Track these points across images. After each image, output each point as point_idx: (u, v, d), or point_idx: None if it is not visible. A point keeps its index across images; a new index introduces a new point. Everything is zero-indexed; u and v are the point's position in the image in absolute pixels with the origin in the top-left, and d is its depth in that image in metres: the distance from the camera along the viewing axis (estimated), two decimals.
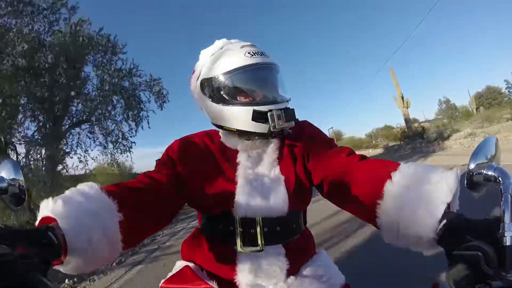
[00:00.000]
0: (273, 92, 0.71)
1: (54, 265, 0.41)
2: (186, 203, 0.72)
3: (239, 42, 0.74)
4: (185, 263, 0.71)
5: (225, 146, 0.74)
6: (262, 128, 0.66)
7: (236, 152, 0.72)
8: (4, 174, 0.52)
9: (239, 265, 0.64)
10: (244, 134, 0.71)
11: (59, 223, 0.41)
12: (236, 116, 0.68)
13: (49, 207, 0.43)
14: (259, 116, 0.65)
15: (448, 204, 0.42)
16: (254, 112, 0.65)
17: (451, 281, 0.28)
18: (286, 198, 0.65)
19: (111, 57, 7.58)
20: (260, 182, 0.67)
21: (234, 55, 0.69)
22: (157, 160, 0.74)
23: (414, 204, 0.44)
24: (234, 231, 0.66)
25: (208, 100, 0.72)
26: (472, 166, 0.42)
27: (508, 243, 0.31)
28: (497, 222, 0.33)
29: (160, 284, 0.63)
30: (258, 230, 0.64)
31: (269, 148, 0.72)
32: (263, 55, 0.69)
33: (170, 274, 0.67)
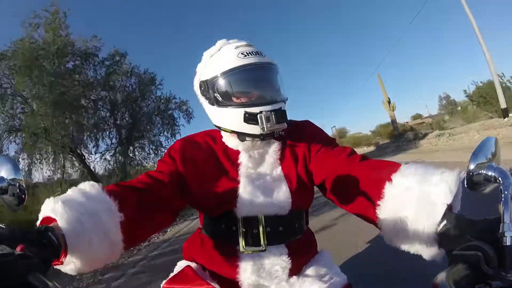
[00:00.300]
0: (267, 93, 0.69)
1: (54, 265, 0.41)
2: (188, 204, 0.72)
3: (237, 42, 0.73)
4: (187, 263, 0.71)
5: (227, 146, 0.74)
6: (254, 130, 0.65)
7: (238, 153, 0.72)
8: (4, 174, 0.52)
9: (242, 265, 0.64)
10: (240, 135, 0.71)
11: (60, 224, 0.41)
12: (230, 118, 0.68)
13: (50, 207, 0.43)
14: (251, 118, 0.64)
15: (449, 205, 0.42)
16: (246, 114, 0.65)
17: (451, 281, 0.28)
18: (289, 198, 0.65)
19: (153, 89, 10.69)
20: (262, 182, 0.67)
21: (228, 57, 0.68)
22: (159, 160, 0.74)
23: (415, 205, 0.44)
24: (237, 231, 0.66)
25: (206, 102, 0.73)
26: (472, 166, 0.42)
27: (508, 243, 0.32)
28: (497, 222, 0.34)
29: (162, 285, 0.63)
30: (261, 230, 0.64)
31: (271, 148, 0.72)
32: (258, 55, 0.68)
33: (172, 274, 0.67)
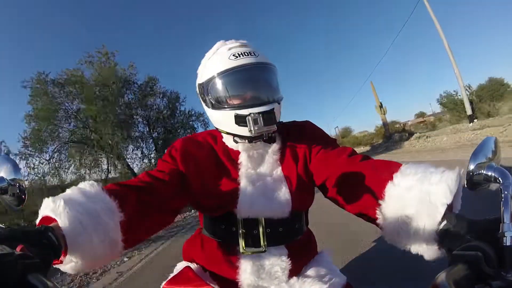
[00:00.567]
0: (259, 93, 0.68)
1: (54, 265, 0.41)
2: (189, 203, 0.72)
3: (232, 43, 0.71)
4: (187, 264, 0.71)
5: (227, 146, 0.74)
6: (244, 131, 0.65)
7: (238, 153, 0.72)
8: (4, 174, 0.52)
9: (242, 266, 0.64)
10: (234, 136, 0.71)
11: (60, 224, 0.41)
12: (223, 120, 0.68)
13: (50, 207, 0.42)
14: (241, 120, 0.64)
15: (450, 205, 0.42)
16: (236, 116, 0.65)
17: (451, 281, 0.28)
18: (289, 199, 0.65)
19: (177, 105, 12.63)
20: (263, 183, 0.67)
21: (220, 59, 0.68)
22: (160, 159, 0.74)
23: (415, 205, 0.44)
24: (237, 232, 0.65)
25: (203, 104, 0.73)
26: (472, 166, 0.42)
27: (508, 243, 0.31)
28: (497, 222, 0.33)
29: (162, 286, 0.63)
30: (261, 231, 0.64)
31: (271, 149, 0.72)
32: (251, 55, 0.66)
33: (172, 275, 0.66)
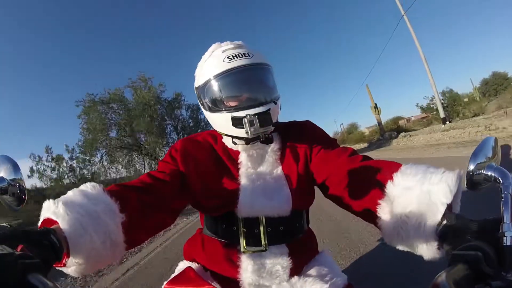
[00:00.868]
0: (255, 94, 0.68)
1: (57, 267, 0.41)
2: (189, 204, 0.72)
3: (227, 45, 0.71)
4: (188, 264, 0.71)
5: (227, 147, 0.74)
6: (241, 133, 0.65)
7: (238, 152, 0.72)
8: (4, 174, 0.52)
9: (243, 265, 0.64)
10: (232, 138, 0.71)
11: (61, 226, 0.41)
12: (220, 123, 0.68)
13: (51, 209, 0.42)
14: (238, 122, 0.64)
15: (449, 205, 0.42)
16: (233, 118, 0.65)
17: (451, 281, 0.28)
18: (290, 198, 0.65)
19: (199, 115, 14.20)
20: (263, 182, 0.67)
21: (214, 62, 0.67)
22: (160, 161, 0.74)
23: (415, 205, 0.44)
24: (237, 231, 0.66)
25: (202, 107, 0.73)
26: (472, 166, 0.42)
27: (508, 243, 0.32)
28: (497, 222, 0.34)
29: (163, 285, 0.63)
30: (262, 230, 0.64)
31: (271, 148, 0.72)
32: (245, 57, 0.66)
33: (173, 275, 0.67)
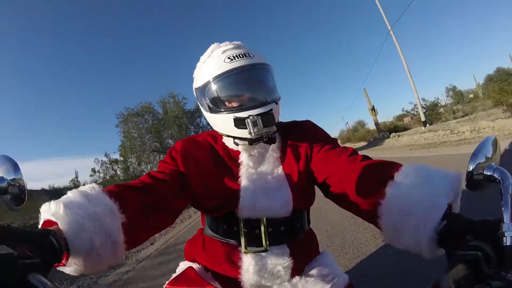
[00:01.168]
0: (257, 94, 0.68)
1: (57, 267, 0.41)
2: (190, 204, 0.72)
3: (227, 45, 0.71)
4: (189, 264, 0.71)
5: (227, 147, 0.74)
6: (244, 134, 0.65)
7: (238, 152, 0.72)
8: (4, 174, 0.52)
9: (244, 266, 0.64)
10: (234, 139, 0.71)
11: (61, 227, 0.41)
12: (222, 124, 0.68)
13: (51, 211, 0.42)
14: (240, 123, 0.64)
15: (450, 205, 0.42)
16: (235, 119, 0.64)
17: (452, 281, 0.28)
18: (291, 198, 0.65)
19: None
20: (264, 182, 0.67)
21: (215, 62, 0.67)
22: (161, 161, 0.74)
23: (415, 205, 0.44)
24: (238, 232, 0.66)
25: (201, 108, 0.73)
26: (472, 167, 0.42)
27: (508, 243, 0.32)
28: (497, 222, 0.34)
29: (165, 286, 0.63)
30: (263, 230, 0.64)
31: (271, 147, 0.72)
32: (246, 57, 0.66)
33: (174, 275, 0.67)
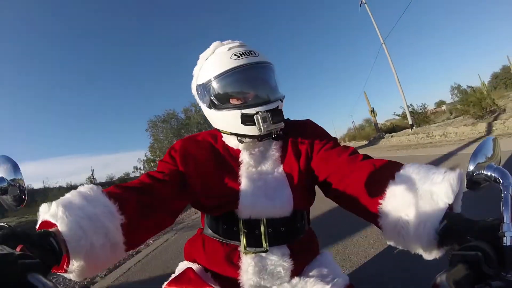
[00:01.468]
0: (263, 92, 0.68)
1: (58, 272, 0.40)
2: (189, 204, 0.71)
3: (230, 43, 0.72)
4: (189, 264, 0.71)
5: (228, 145, 0.74)
6: (253, 131, 0.65)
7: (239, 151, 0.72)
8: (4, 174, 0.52)
9: (243, 266, 0.64)
10: (239, 136, 0.71)
11: (60, 229, 0.40)
12: (227, 121, 0.68)
13: (50, 212, 0.42)
14: (248, 119, 0.64)
15: (450, 205, 0.42)
16: (243, 116, 0.64)
17: (451, 281, 0.28)
18: (291, 198, 0.65)
19: None
20: (264, 181, 0.66)
21: (221, 59, 0.68)
22: (160, 161, 0.73)
23: (416, 205, 0.44)
24: (238, 232, 0.65)
25: (203, 105, 0.73)
26: (472, 167, 0.42)
27: (508, 243, 0.32)
28: (497, 222, 0.34)
29: (164, 286, 0.63)
30: (263, 231, 0.64)
31: (272, 146, 0.71)
32: (251, 55, 0.67)
33: (173, 276, 0.67)
